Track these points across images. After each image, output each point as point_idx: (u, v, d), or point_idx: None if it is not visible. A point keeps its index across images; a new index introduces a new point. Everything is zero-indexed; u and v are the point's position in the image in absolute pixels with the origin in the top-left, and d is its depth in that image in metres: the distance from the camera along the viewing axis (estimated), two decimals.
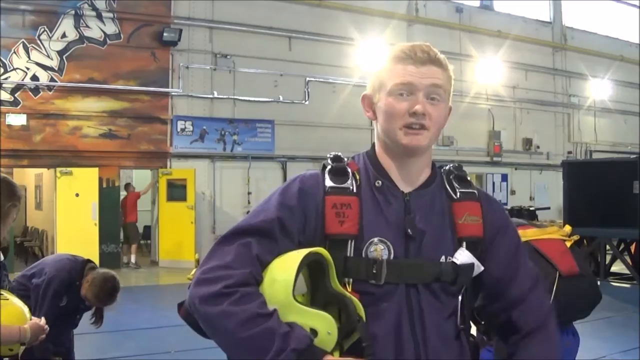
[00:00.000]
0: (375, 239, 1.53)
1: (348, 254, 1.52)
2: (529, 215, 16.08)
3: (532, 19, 19.00)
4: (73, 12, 12.75)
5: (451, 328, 1.60)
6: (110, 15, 13.07)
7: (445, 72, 1.58)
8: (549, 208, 16.52)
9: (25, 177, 15.16)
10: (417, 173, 1.62)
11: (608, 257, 11.56)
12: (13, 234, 12.92)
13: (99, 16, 12.98)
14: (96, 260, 7.98)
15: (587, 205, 11.38)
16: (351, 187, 1.56)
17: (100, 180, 12.93)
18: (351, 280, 1.51)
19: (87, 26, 12.89)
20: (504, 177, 18.34)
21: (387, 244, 1.53)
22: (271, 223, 1.50)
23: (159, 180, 13.69)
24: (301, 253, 1.42)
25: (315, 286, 1.47)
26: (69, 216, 12.31)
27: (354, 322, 1.44)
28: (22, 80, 12.33)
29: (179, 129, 13.83)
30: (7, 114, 12.14)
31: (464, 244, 1.60)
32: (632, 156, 13.33)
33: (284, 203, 1.54)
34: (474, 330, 1.77)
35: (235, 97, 14.30)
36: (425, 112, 1.54)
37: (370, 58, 15.50)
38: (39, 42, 12.42)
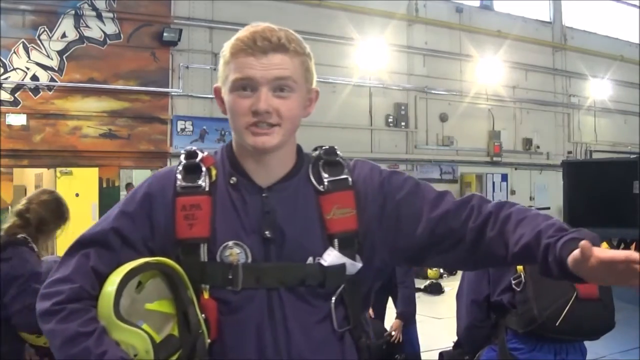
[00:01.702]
0: (230, 242, 1.40)
1: (202, 259, 1.40)
2: None
3: (532, 19, 18.99)
4: (73, 12, 12.74)
5: (325, 332, 1.44)
6: (110, 15, 13.06)
7: (296, 57, 1.42)
8: (549, 208, 16.52)
9: (25, 177, 15.13)
10: (276, 166, 1.46)
11: None
12: None
13: (99, 16, 12.97)
14: None
15: (587, 205, 11.36)
16: (203, 185, 1.43)
17: (100, 180, 12.92)
18: (208, 286, 1.40)
19: (87, 26, 12.88)
20: (504, 177, 18.33)
21: (244, 247, 1.40)
22: (107, 233, 1.41)
23: None
24: (128, 266, 1.35)
25: (175, 293, 1.40)
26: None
27: (195, 335, 1.37)
28: (22, 80, 12.32)
29: (179, 129, 13.82)
30: (7, 114, 12.13)
31: (336, 241, 1.43)
32: (632, 156, 13.33)
33: (125, 211, 1.44)
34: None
35: None
36: (271, 109, 1.39)
37: (370, 58, 15.51)
38: (39, 42, 12.41)
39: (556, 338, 2.72)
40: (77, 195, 12.50)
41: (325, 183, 1.47)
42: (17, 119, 12.23)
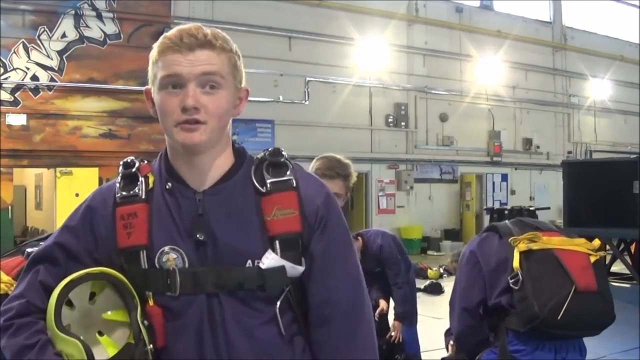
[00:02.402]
0: (166, 248, 1.40)
1: (143, 267, 1.41)
2: (528, 215, 16.14)
3: (532, 19, 19.00)
4: (73, 12, 12.74)
5: (271, 335, 1.43)
6: (110, 15, 13.06)
7: (223, 53, 1.41)
8: (548, 208, 16.53)
9: (25, 177, 15.15)
10: (209, 168, 1.44)
11: (608, 257, 11.55)
12: (13, 234, 12.91)
13: (99, 16, 12.97)
14: None
15: (587, 205, 11.36)
16: (140, 194, 1.44)
17: (100, 180, 12.91)
18: (151, 293, 1.41)
19: (87, 26, 12.88)
20: (504, 177, 18.34)
21: (180, 252, 1.40)
22: (52, 249, 1.45)
23: None
24: (68, 278, 1.38)
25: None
26: None
27: (136, 344, 1.38)
28: (22, 80, 12.32)
29: None
30: (7, 114, 12.13)
31: (277, 243, 1.41)
32: (632, 156, 13.32)
33: (67, 225, 1.47)
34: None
35: None
36: (199, 105, 1.37)
37: (370, 58, 15.52)
38: (39, 42, 12.41)
39: (557, 335, 2.72)
40: (77, 195, 12.50)
41: (268, 184, 1.45)
42: (17, 119, 12.24)
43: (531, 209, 16.34)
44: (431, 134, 17.24)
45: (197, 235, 1.40)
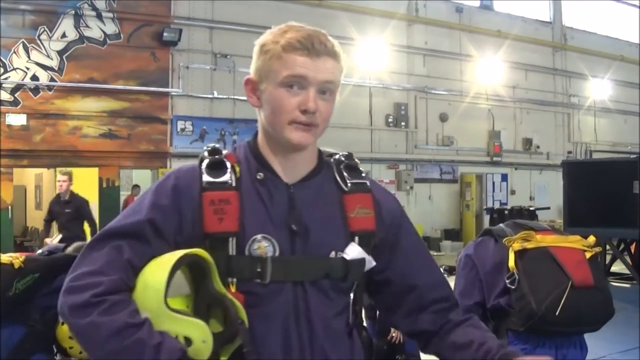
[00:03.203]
0: (259, 236, 1.43)
1: (230, 253, 1.42)
2: (529, 215, 16.07)
3: (532, 19, 19.00)
4: (73, 12, 12.74)
5: (342, 326, 1.51)
6: (110, 15, 13.06)
7: (339, 64, 1.49)
8: (549, 208, 16.49)
9: (25, 177, 15.16)
10: (301, 164, 1.51)
11: (608, 257, 11.55)
12: (13, 234, 12.92)
13: (99, 16, 12.97)
14: None
15: (587, 205, 11.36)
16: (230, 181, 1.46)
17: (100, 180, 12.93)
18: (235, 280, 1.42)
19: (87, 26, 12.88)
20: (504, 177, 18.34)
21: (272, 241, 1.43)
22: (143, 225, 1.40)
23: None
24: (174, 256, 1.33)
25: (198, 287, 1.39)
26: None
27: (236, 326, 1.36)
28: (22, 80, 12.33)
29: (178, 129, 13.83)
30: (7, 114, 12.14)
31: (356, 238, 1.51)
32: (632, 156, 13.32)
33: (156, 203, 1.44)
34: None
35: (235, 97, 14.29)
36: (317, 109, 1.44)
37: (370, 58, 15.52)
38: (39, 42, 12.41)
39: (557, 332, 2.72)
40: None
41: (349, 183, 1.54)
42: (17, 119, 12.24)
43: (531, 209, 16.28)
44: (431, 134, 17.24)
45: (293, 226, 1.45)
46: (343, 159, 1.58)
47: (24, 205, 15.62)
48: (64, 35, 12.67)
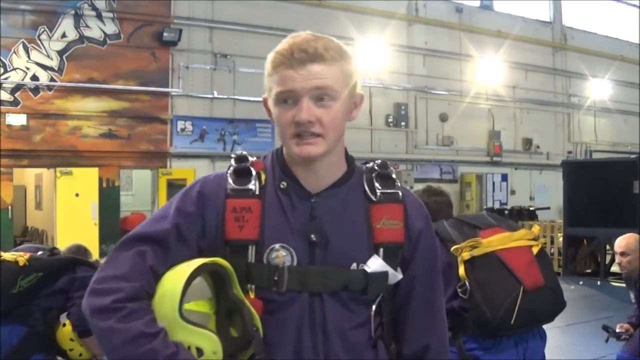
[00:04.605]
0: (277, 245, 1.43)
1: (249, 260, 1.44)
2: (529, 215, 16.12)
3: (532, 19, 18.99)
4: (73, 12, 12.73)
5: (362, 338, 1.49)
6: (110, 15, 13.06)
7: (334, 65, 1.43)
8: (549, 208, 16.54)
9: (25, 177, 15.15)
10: (325, 173, 1.49)
11: (608, 257, 11.55)
12: (13, 234, 12.91)
13: (99, 16, 12.97)
14: None
15: (587, 205, 11.37)
16: (253, 189, 1.46)
17: (100, 180, 12.92)
18: (254, 287, 1.44)
19: (87, 26, 12.88)
20: (504, 177, 18.34)
21: (290, 250, 1.43)
22: (168, 231, 1.42)
23: (159, 180, 13.69)
24: (190, 267, 1.35)
25: (220, 292, 1.41)
26: (69, 216, 12.31)
27: (251, 333, 1.38)
28: (22, 80, 12.32)
29: (178, 129, 13.82)
30: (7, 114, 12.13)
31: (381, 250, 1.48)
32: (632, 156, 13.32)
33: (181, 209, 1.45)
34: None
35: (235, 97, 14.30)
36: (314, 119, 1.41)
37: (370, 58, 15.51)
38: (39, 42, 12.41)
39: (513, 333, 2.73)
40: (77, 195, 12.52)
41: (378, 193, 1.51)
42: (17, 119, 12.23)
43: (531, 209, 16.37)
44: (431, 134, 17.24)
45: (312, 236, 1.44)
46: (376, 167, 1.56)
47: (24, 205, 15.60)
48: (64, 35, 12.67)
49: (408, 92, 16.80)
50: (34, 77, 12.41)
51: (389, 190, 1.52)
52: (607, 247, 11.44)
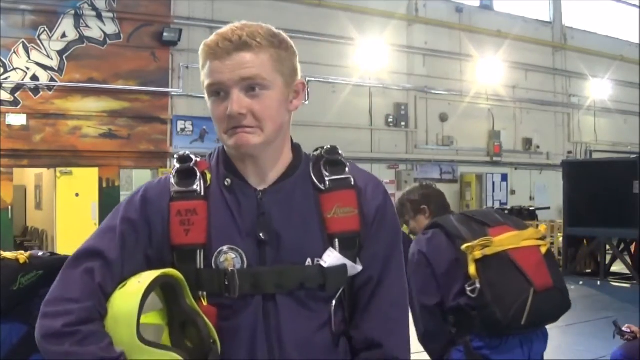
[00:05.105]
0: (225, 248, 1.35)
1: (198, 266, 1.35)
2: (529, 215, 16.10)
3: (532, 19, 19.00)
4: (73, 12, 12.74)
5: (323, 341, 1.39)
6: (110, 15, 13.06)
7: (262, 52, 1.34)
8: (549, 208, 16.54)
9: (25, 177, 15.16)
10: (270, 166, 1.41)
11: (608, 257, 11.56)
12: (13, 234, 12.92)
13: (99, 16, 12.97)
14: None
15: (587, 205, 11.37)
16: (198, 190, 1.38)
17: (100, 180, 12.93)
18: (206, 293, 1.35)
19: (87, 26, 12.88)
20: (504, 177, 18.34)
21: (239, 252, 1.35)
22: (115, 244, 1.35)
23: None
24: (142, 284, 1.28)
25: (171, 303, 1.34)
26: (69, 216, 12.32)
27: (208, 345, 1.32)
28: (22, 80, 12.32)
29: (179, 129, 13.83)
30: (7, 114, 12.13)
31: (336, 241, 1.38)
32: (632, 156, 13.33)
33: (126, 217, 1.38)
34: None
35: None
36: (245, 111, 1.33)
37: (370, 58, 15.52)
38: (38, 42, 12.41)
39: (520, 333, 2.73)
40: (77, 195, 12.53)
41: (327, 181, 1.41)
42: (17, 119, 12.24)
43: (531, 208, 16.36)
44: (431, 134, 17.24)
45: (260, 235, 1.36)
46: (323, 154, 1.45)
47: (24, 205, 15.61)
48: (64, 35, 12.67)
49: (408, 92, 16.80)
50: (34, 77, 12.41)
51: (338, 177, 1.42)
52: (607, 247, 11.45)
